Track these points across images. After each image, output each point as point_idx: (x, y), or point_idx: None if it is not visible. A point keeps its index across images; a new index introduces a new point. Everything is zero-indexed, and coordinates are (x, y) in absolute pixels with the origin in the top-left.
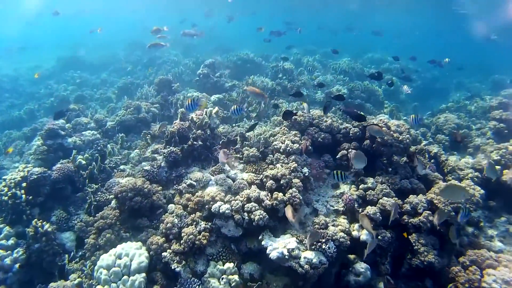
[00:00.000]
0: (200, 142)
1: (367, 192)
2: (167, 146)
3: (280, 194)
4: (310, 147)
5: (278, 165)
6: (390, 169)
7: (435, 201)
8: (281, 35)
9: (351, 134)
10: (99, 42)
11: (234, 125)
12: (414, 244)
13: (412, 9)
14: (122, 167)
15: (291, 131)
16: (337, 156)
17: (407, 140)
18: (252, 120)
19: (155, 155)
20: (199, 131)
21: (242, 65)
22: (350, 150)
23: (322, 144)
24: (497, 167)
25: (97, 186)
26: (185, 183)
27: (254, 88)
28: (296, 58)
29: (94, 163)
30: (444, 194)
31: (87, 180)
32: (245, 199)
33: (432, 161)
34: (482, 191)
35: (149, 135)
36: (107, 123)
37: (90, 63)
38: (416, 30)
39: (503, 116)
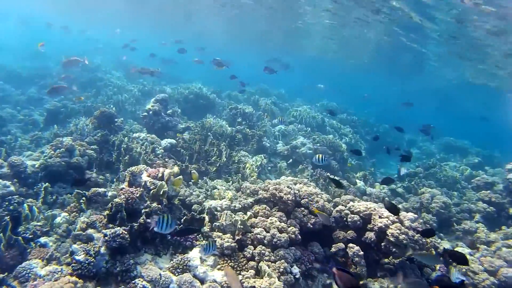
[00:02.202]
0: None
1: None
2: (110, 224)
3: None
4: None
5: (263, 266)
6: (392, 266)
7: None
8: (223, 66)
9: (349, 222)
10: (34, 51)
11: (195, 188)
12: None
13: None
14: (43, 240)
15: (274, 211)
16: (332, 250)
17: (423, 240)
18: (208, 181)
19: (91, 230)
20: (155, 203)
21: (194, 100)
22: (350, 244)
23: (310, 230)
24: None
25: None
26: (135, 286)
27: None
28: (254, 99)
29: (1, 233)
30: None
31: None
32: None
33: (441, 259)
34: None
35: (84, 197)
36: (27, 167)
37: (17, 73)
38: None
39: (492, 198)
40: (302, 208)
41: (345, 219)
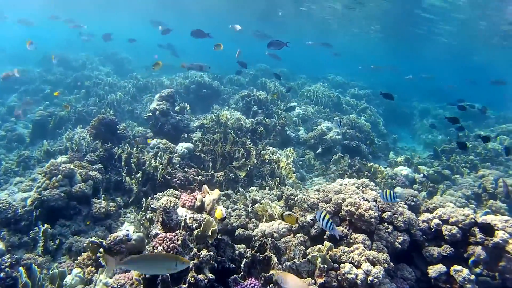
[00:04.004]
0: (209, 275)
1: None
2: None
3: None
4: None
5: None
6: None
7: None
8: (205, 36)
9: (446, 236)
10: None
11: (229, 203)
12: None
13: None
14: None
15: (353, 234)
16: (431, 274)
17: None
18: (246, 193)
19: None
20: (205, 251)
21: (196, 90)
22: (456, 267)
23: (396, 251)
24: None
25: None
26: None
27: None
28: (261, 81)
29: None
30: None
31: None
32: None
33: None
34: None
35: (101, 248)
36: (18, 209)
37: None
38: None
39: None
40: (386, 225)
41: (433, 229)
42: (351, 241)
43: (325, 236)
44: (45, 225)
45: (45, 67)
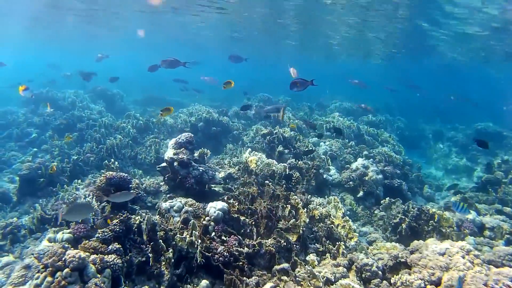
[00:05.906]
0: None
1: None
2: None
3: None
4: None
5: None
6: None
7: None
8: (179, 65)
9: None
10: None
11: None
12: None
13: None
14: None
15: None
16: None
17: None
18: (294, 257)
19: None
20: None
21: (204, 128)
22: None
23: None
24: None
25: None
26: None
27: None
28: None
29: None
30: None
31: None
32: None
33: None
34: None
35: None
36: None
37: None
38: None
39: None
40: None
41: None
42: None
43: None
44: None
45: (30, 108)
